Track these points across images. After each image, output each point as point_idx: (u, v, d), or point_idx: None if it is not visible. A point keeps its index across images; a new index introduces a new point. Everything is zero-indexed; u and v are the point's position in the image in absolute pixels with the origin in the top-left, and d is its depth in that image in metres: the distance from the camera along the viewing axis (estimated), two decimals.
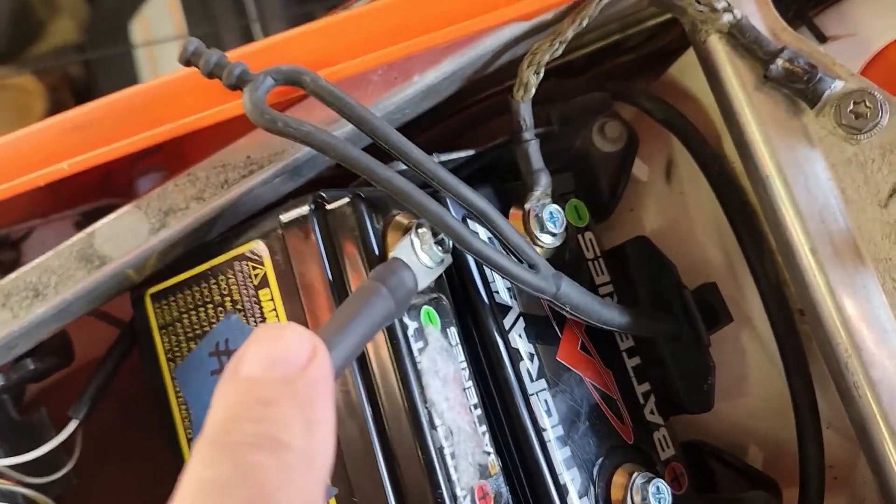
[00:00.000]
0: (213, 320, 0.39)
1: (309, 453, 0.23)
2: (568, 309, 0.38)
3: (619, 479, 0.40)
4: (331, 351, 0.26)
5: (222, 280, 0.38)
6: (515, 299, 0.40)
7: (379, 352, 0.34)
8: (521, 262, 0.36)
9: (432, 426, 0.34)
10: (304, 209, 0.35)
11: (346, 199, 0.35)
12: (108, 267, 0.38)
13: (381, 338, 0.34)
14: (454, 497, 0.33)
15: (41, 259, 0.39)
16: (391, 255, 0.33)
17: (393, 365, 0.34)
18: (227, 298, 0.38)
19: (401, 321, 0.34)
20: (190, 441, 0.40)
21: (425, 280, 0.34)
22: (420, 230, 0.34)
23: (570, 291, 0.37)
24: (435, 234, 0.35)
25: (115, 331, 0.46)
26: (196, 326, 0.40)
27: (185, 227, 0.38)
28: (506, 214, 0.41)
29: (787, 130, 0.38)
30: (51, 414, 0.44)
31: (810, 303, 0.38)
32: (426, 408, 0.34)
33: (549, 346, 0.40)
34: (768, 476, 0.44)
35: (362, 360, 0.34)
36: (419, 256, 0.34)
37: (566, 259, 0.42)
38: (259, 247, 0.37)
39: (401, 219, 0.36)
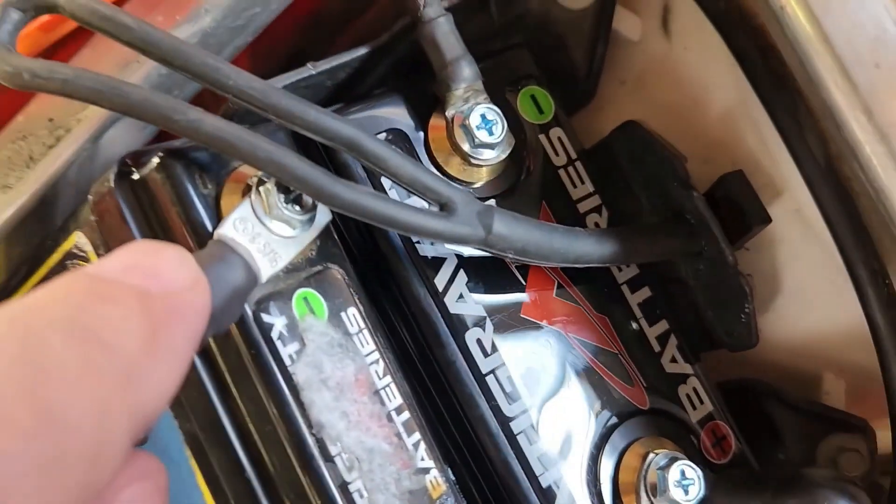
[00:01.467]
0: None
1: (138, 376, 0.17)
2: (512, 255, 0.26)
3: (630, 460, 0.29)
4: None
5: None
6: None
7: (237, 367, 0.24)
8: (430, 204, 0.25)
9: (326, 458, 0.24)
10: (107, 183, 0.25)
11: (156, 161, 0.25)
12: None
13: (238, 344, 0.24)
14: None
15: None
16: (216, 232, 0.23)
17: (258, 383, 0.24)
18: None
19: (258, 321, 0.24)
20: None
21: (285, 256, 0.24)
22: (262, 188, 0.24)
23: (509, 230, 0.26)
24: (287, 191, 0.24)
25: None
26: None
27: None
28: (426, 128, 0.30)
29: None
30: None
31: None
32: (313, 434, 0.24)
33: (508, 299, 0.29)
34: (852, 415, 0.32)
35: (220, 382, 0.25)
36: (268, 225, 0.24)
37: (521, 176, 0.31)
38: (81, 240, 0.27)
39: (244, 171, 0.25)
